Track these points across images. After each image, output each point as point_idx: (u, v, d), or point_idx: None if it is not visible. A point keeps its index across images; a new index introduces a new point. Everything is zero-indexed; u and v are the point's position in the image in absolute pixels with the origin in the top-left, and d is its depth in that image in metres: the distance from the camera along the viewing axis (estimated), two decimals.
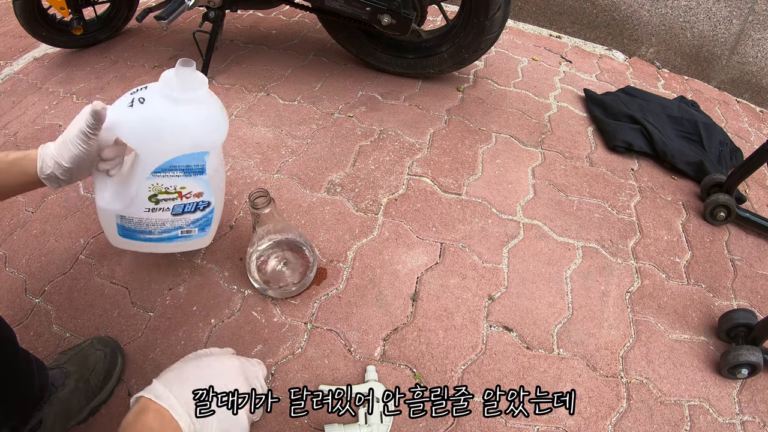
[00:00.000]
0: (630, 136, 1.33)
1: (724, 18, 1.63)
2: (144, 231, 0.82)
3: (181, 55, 1.63)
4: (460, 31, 1.33)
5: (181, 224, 0.83)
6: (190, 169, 0.75)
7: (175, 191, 0.76)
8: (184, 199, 0.78)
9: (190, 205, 0.80)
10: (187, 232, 0.85)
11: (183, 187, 0.76)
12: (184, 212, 0.81)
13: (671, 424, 0.82)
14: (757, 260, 1.12)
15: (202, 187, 0.78)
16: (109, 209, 0.77)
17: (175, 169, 0.73)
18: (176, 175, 0.74)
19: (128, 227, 0.81)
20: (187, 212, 0.81)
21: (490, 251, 1.04)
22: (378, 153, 1.26)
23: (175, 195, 0.77)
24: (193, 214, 0.82)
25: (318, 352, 0.86)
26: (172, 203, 0.78)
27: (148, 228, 0.81)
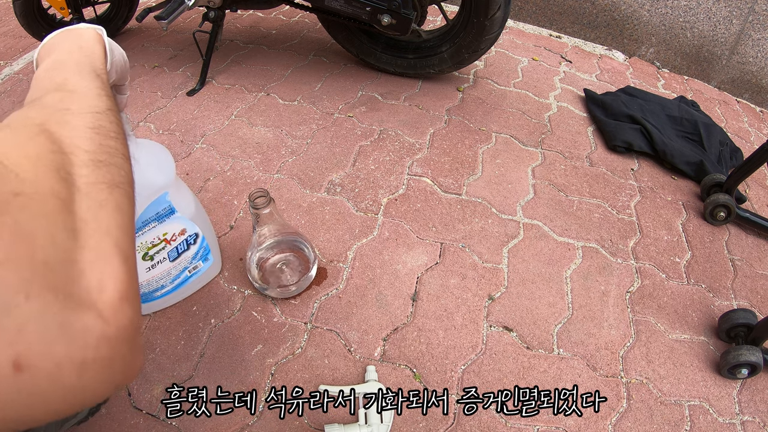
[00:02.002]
0: (630, 136, 1.33)
1: (724, 18, 1.63)
2: (158, 289, 0.83)
3: (181, 55, 1.63)
4: (460, 31, 1.33)
5: (185, 265, 0.84)
6: (160, 215, 0.75)
7: (161, 240, 0.77)
8: (173, 243, 0.80)
9: (181, 245, 0.81)
10: (194, 268, 0.87)
11: (165, 233, 0.77)
12: (180, 254, 0.82)
13: (671, 424, 0.82)
14: (757, 260, 1.12)
15: (180, 224, 0.79)
16: None
17: (148, 222, 0.74)
18: (152, 227, 0.75)
19: (142, 293, 0.82)
20: (182, 252, 0.82)
21: (490, 251, 1.04)
22: (378, 153, 1.26)
23: (162, 243, 0.78)
24: (189, 251, 0.83)
25: (318, 352, 0.86)
26: (165, 252, 0.79)
27: (159, 284, 0.83)
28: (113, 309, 0.24)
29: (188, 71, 1.54)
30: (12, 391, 0.20)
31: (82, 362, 0.22)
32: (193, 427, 0.77)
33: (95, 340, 0.23)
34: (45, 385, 0.21)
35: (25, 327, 0.20)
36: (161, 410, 0.78)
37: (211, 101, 1.40)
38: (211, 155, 1.23)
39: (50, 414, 0.22)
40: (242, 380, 0.82)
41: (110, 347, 0.23)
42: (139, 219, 0.72)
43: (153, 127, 1.32)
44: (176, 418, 0.77)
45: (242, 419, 0.77)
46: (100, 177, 0.29)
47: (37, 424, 0.22)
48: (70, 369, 0.21)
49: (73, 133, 0.30)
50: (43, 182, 0.25)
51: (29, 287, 0.21)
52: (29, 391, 0.20)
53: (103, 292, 0.24)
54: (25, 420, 0.21)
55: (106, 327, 0.23)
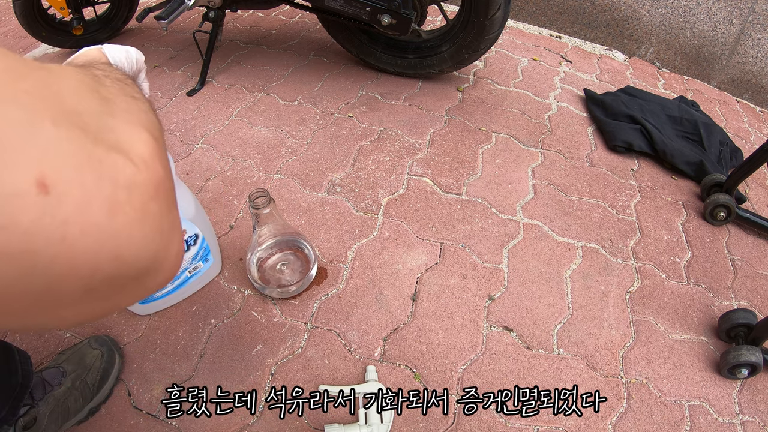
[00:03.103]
0: (630, 136, 1.33)
1: (724, 18, 1.63)
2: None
3: (181, 55, 1.63)
4: (460, 31, 1.33)
5: (185, 266, 0.84)
6: None
7: None
8: None
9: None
10: (194, 269, 0.87)
11: None
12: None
13: (671, 424, 0.82)
14: (757, 260, 1.12)
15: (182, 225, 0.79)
16: None
17: None
18: None
19: None
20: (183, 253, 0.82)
21: (490, 251, 1.04)
22: (378, 153, 1.26)
23: None
24: (188, 252, 0.83)
25: (318, 352, 0.86)
26: None
27: None
28: (145, 161, 0.22)
29: (188, 71, 1.54)
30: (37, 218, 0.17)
31: (112, 199, 0.20)
32: (193, 427, 0.77)
33: (127, 180, 0.21)
34: (74, 218, 0.18)
35: (51, 148, 0.18)
36: (161, 410, 0.78)
37: (211, 101, 1.40)
38: (211, 155, 1.23)
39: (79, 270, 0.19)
40: (242, 380, 0.82)
41: (142, 193, 0.21)
42: None
43: None
44: (176, 418, 0.77)
45: (242, 419, 0.77)
46: (123, 90, 0.28)
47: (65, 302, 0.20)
48: (100, 204, 0.19)
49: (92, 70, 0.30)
50: (68, 70, 0.24)
51: (56, 117, 0.19)
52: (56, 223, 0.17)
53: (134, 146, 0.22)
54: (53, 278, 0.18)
55: (138, 173, 0.21)
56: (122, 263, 0.20)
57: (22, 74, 0.20)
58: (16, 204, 0.16)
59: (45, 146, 0.18)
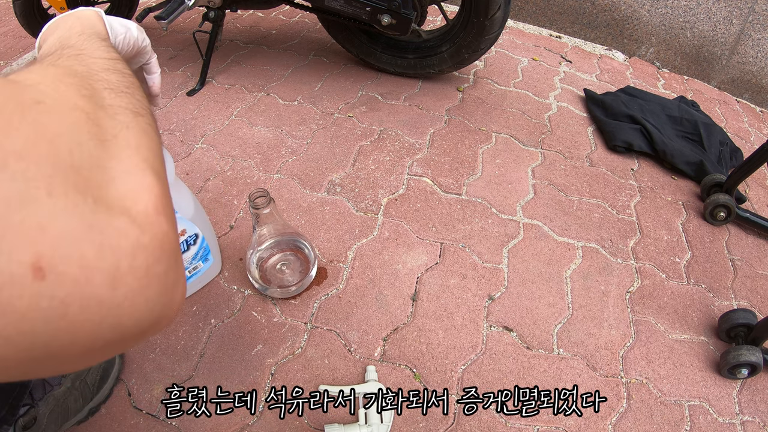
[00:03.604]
0: (630, 136, 1.33)
1: (724, 18, 1.63)
2: None
3: (181, 55, 1.63)
4: (460, 31, 1.33)
5: (185, 266, 0.84)
6: None
7: None
8: None
9: (181, 246, 0.81)
10: (194, 269, 0.87)
11: None
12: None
13: (671, 424, 0.82)
14: (757, 260, 1.12)
15: (180, 225, 0.79)
16: None
17: None
18: None
19: None
20: (182, 253, 0.82)
21: (490, 251, 1.04)
22: (378, 153, 1.26)
23: None
24: (188, 251, 0.83)
25: (318, 352, 0.86)
26: None
27: None
28: (149, 218, 0.21)
29: (188, 71, 1.54)
30: (33, 302, 0.16)
31: (115, 271, 0.19)
32: (193, 427, 0.77)
33: (130, 246, 0.20)
34: (72, 296, 0.17)
35: (48, 225, 0.17)
36: (161, 410, 0.78)
37: (211, 101, 1.40)
38: (211, 155, 1.23)
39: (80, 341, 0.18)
40: (242, 380, 0.82)
41: (147, 257, 0.20)
42: None
43: None
44: (176, 418, 0.77)
45: (242, 419, 0.77)
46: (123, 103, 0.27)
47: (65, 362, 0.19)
48: (102, 278, 0.18)
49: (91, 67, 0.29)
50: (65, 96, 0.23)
51: (51, 183, 0.18)
52: (54, 305, 0.17)
53: (137, 201, 0.21)
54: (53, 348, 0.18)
55: (142, 234, 0.20)
56: (125, 330, 0.20)
57: (10, 125, 0.18)
58: (11, 291, 0.16)
59: (41, 224, 0.17)
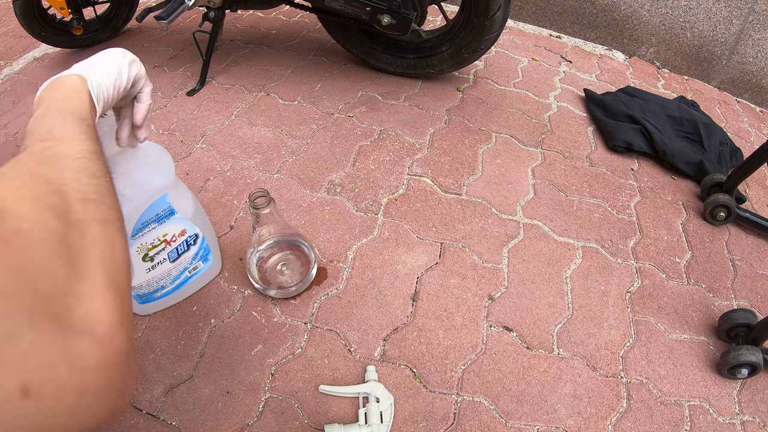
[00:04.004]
0: (630, 136, 1.33)
1: (724, 18, 1.63)
2: (158, 289, 0.84)
3: (181, 55, 1.63)
4: (460, 31, 1.33)
5: (185, 266, 0.84)
6: (160, 216, 0.75)
7: (161, 241, 0.77)
8: (173, 244, 0.79)
9: (181, 246, 0.81)
10: (194, 269, 0.87)
11: (165, 234, 0.77)
12: (180, 254, 0.82)
13: (671, 424, 0.82)
14: (757, 260, 1.12)
15: (180, 225, 0.79)
16: None
17: (148, 224, 0.74)
18: (152, 228, 0.75)
19: (142, 294, 0.82)
20: (182, 253, 0.82)
21: (490, 251, 1.04)
22: (378, 153, 1.26)
23: (162, 245, 0.78)
24: (188, 251, 0.83)
25: (318, 352, 0.86)
26: (164, 253, 0.79)
27: (160, 285, 0.83)
28: (109, 337, 0.27)
29: (188, 71, 1.54)
30: (21, 415, 0.21)
31: (81, 385, 0.24)
32: (193, 427, 0.77)
33: (94, 364, 0.25)
34: (50, 408, 0.23)
35: (31, 355, 0.22)
36: (161, 410, 0.79)
37: (211, 101, 1.40)
38: (211, 155, 1.23)
39: None
40: (242, 380, 0.82)
41: (106, 371, 0.26)
42: (139, 220, 0.72)
43: (153, 127, 1.32)
44: (176, 418, 0.77)
45: (242, 419, 0.77)
46: (92, 214, 0.31)
47: None
48: (71, 392, 0.24)
49: (63, 175, 0.33)
50: (40, 220, 0.27)
51: (32, 317, 0.23)
52: (36, 415, 0.22)
53: (98, 321, 0.27)
54: None
55: (102, 353, 0.26)
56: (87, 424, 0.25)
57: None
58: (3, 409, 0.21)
59: (25, 354, 0.21)
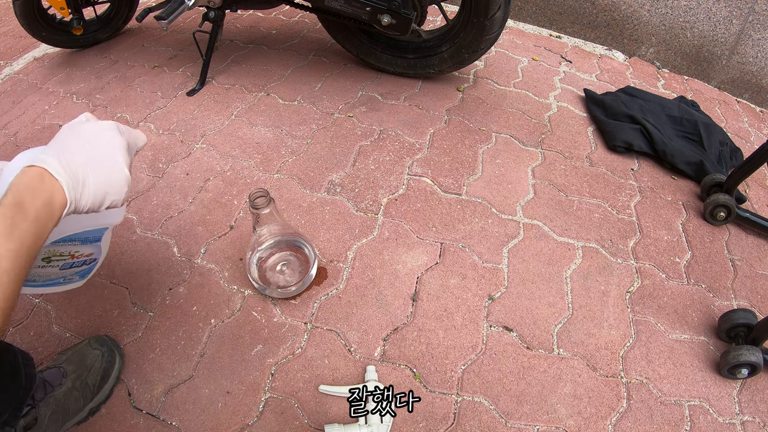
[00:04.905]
0: (630, 136, 1.33)
1: (724, 18, 1.63)
2: (29, 280, 0.80)
3: (181, 55, 1.63)
4: (460, 31, 1.33)
5: (65, 275, 0.82)
6: (87, 239, 0.75)
7: (69, 254, 0.76)
8: (74, 259, 0.79)
9: (77, 262, 0.80)
10: (69, 279, 0.85)
11: (77, 251, 0.77)
12: (72, 267, 0.81)
13: (671, 424, 0.82)
14: (757, 260, 1.12)
15: (93, 249, 0.79)
16: None
17: (74, 240, 0.73)
18: (73, 244, 0.74)
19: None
20: (74, 267, 0.81)
21: (490, 251, 1.04)
22: (378, 153, 1.26)
23: (67, 257, 0.77)
24: (80, 268, 0.82)
25: (318, 352, 0.86)
26: (62, 262, 0.78)
27: (33, 278, 0.80)
28: None
29: (188, 71, 1.54)
30: None
31: None
32: (193, 427, 0.77)
33: None
34: None
35: None
36: (161, 410, 0.79)
37: (211, 101, 1.40)
38: (211, 155, 1.23)
39: None
40: (242, 380, 0.82)
41: None
42: (72, 236, 0.72)
43: (153, 127, 1.32)
44: (176, 418, 0.77)
45: (242, 419, 0.77)
46: None
47: None
48: None
49: None
50: None
51: None
52: None
53: None
54: None
55: None
56: None
57: None
58: None
59: None
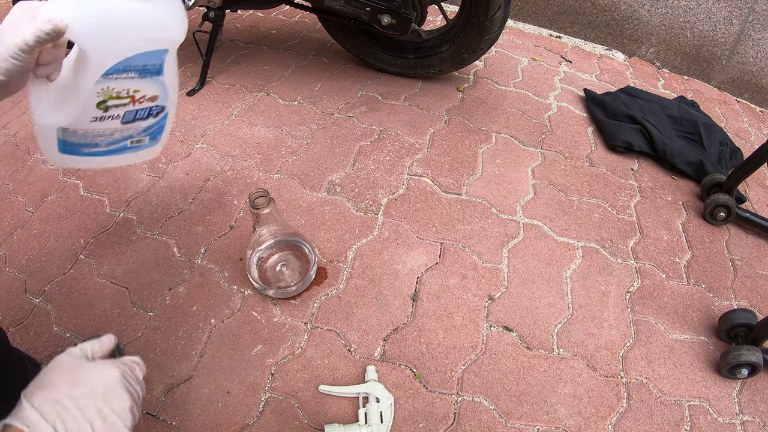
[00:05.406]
0: (630, 136, 1.33)
1: (724, 18, 1.63)
2: (89, 144, 0.71)
3: (181, 55, 1.63)
4: (460, 31, 1.33)
5: (132, 133, 0.72)
6: (146, 69, 0.65)
7: (128, 95, 0.66)
8: (137, 104, 0.69)
9: (142, 111, 0.70)
10: (137, 141, 0.75)
11: (137, 90, 0.66)
12: (136, 119, 0.70)
13: (671, 424, 0.82)
14: (757, 260, 1.12)
15: (157, 89, 0.69)
16: (50, 123, 0.65)
17: (130, 70, 0.63)
18: (130, 77, 0.64)
19: (71, 141, 0.69)
20: (139, 119, 0.71)
21: (490, 251, 1.04)
22: (378, 153, 1.26)
23: (127, 100, 0.67)
24: (146, 120, 0.72)
25: (318, 352, 0.86)
26: (123, 110, 0.68)
27: (94, 140, 0.71)
28: None
29: (188, 71, 1.54)
30: None
31: None
32: (193, 427, 0.77)
33: None
34: None
35: None
36: (161, 410, 0.79)
37: (211, 101, 1.40)
38: (211, 155, 1.23)
39: None
40: (242, 380, 0.82)
41: None
42: (125, 61, 0.62)
43: None
44: (176, 418, 0.77)
45: (242, 419, 0.77)
46: None
47: None
48: None
49: None
50: None
51: None
52: None
53: None
54: None
55: None
56: None
57: None
58: None
59: None
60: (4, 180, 1.20)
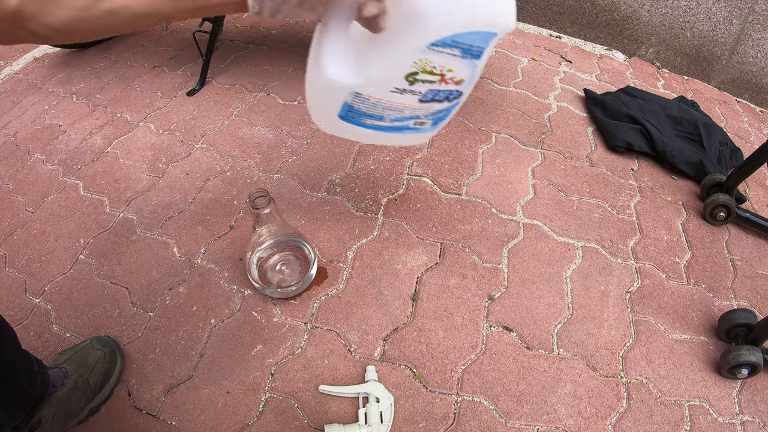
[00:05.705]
0: (630, 136, 1.33)
1: (724, 18, 1.63)
2: (375, 116, 0.66)
3: (181, 55, 1.63)
4: None
5: (420, 113, 0.68)
6: (470, 50, 0.59)
7: (440, 73, 0.61)
8: (443, 85, 0.63)
9: (443, 93, 0.65)
10: (420, 123, 0.70)
11: (450, 69, 0.61)
12: (434, 99, 0.66)
13: (671, 424, 0.82)
14: (757, 260, 1.12)
15: (468, 73, 0.63)
16: (346, 84, 0.61)
17: (456, 46, 0.57)
18: (452, 54, 0.58)
19: (358, 109, 0.65)
20: (435, 100, 0.66)
21: (490, 251, 1.04)
22: (378, 153, 1.26)
23: (437, 77, 0.61)
24: (441, 103, 0.67)
25: (318, 352, 0.86)
26: (428, 86, 0.63)
27: (382, 113, 0.66)
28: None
29: (188, 71, 1.54)
30: None
31: None
32: (192, 427, 0.77)
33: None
34: None
35: None
36: (161, 410, 0.79)
37: (211, 101, 1.40)
38: (211, 155, 1.23)
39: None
40: (242, 380, 0.82)
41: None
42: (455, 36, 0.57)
43: (153, 127, 1.32)
44: (176, 418, 0.77)
45: (242, 419, 0.77)
46: None
47: None
48: None
49: None
50: None
51: None
52: None
53: None
54: None
55: None
56: None
57: None
58: None
59: None
60: (4, 180, 1.21)
